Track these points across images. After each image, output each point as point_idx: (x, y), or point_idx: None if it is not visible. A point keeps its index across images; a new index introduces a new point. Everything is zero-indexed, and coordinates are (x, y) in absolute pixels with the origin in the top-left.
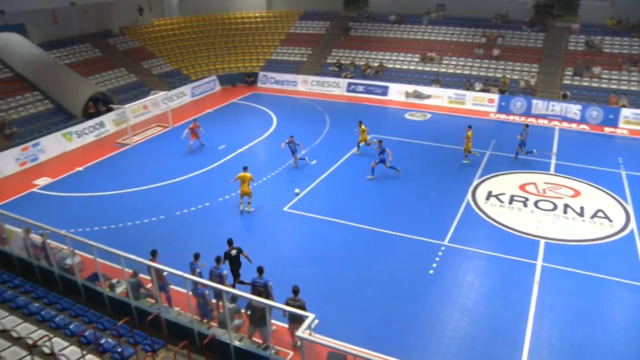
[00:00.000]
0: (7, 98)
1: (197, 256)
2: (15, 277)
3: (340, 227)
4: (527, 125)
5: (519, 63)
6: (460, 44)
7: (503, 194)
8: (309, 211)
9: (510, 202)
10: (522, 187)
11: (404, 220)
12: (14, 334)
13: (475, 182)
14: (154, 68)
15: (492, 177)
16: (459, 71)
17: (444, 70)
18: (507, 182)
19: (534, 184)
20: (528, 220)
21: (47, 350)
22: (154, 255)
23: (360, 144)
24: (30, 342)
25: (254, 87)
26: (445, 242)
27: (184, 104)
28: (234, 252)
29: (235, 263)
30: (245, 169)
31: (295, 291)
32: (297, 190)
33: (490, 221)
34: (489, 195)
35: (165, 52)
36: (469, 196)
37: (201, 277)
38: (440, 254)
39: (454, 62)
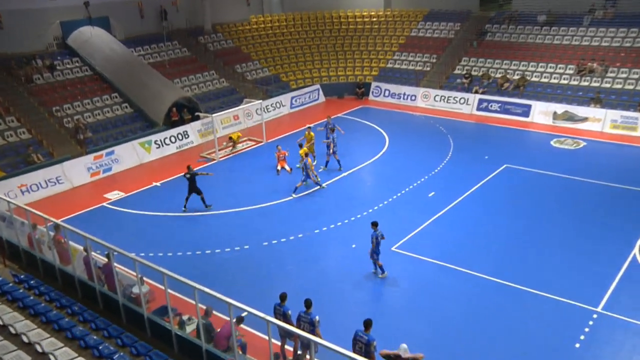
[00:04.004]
0: (84, 99)
1: (283, 297)
2: (75, 302)
3: (458, 275)
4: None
5: None
6: (635, 50)
7: None
8: (422, 253)
9: None
10: None
11: (542, 275)
12: None
13: None
14: (249, 73)
15: None
16: (630, 87)
17: (607, 85)
18: None
19: None
20: None
21: None
22: None
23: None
24: None
25: (364, 100)
26: (599, 309)
27: (280, 115)
28: (188, 175)
29: (192, 182)
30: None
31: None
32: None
33: None
34: None
35: (262, 55)
36: (635, 250)
37: (290, 321)
38: (591, 323)
39: (623, 75)
